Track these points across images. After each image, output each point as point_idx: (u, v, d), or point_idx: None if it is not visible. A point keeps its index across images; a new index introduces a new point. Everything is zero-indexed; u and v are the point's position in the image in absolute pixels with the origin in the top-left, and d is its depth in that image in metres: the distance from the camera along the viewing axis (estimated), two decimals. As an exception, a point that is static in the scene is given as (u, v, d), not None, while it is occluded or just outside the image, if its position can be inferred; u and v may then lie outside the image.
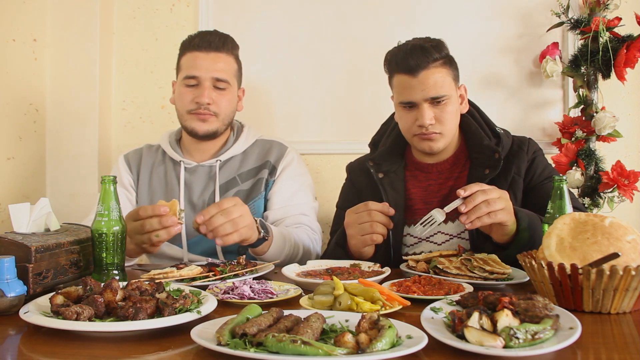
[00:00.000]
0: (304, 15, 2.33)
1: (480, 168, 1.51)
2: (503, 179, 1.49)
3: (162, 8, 2.42)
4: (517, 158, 1.52)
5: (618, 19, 2.03)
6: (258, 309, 0.85)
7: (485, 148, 1.52)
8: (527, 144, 1.56)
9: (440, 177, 1.58)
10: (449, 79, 1.48)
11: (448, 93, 1.46)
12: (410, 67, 1.45)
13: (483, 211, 1.22)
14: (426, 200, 1.57)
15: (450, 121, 1.49)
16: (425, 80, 1.44)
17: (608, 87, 2.13)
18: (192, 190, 1.71)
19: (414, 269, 1.30)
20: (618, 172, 2.00)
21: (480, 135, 1.55)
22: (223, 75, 1.65)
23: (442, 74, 1.46)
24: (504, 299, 0.82)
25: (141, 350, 0.78)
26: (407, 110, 1.50)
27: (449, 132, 1.50)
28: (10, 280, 0.95)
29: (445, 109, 1.47)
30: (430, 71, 1.45)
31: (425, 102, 1.46)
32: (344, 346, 0.72)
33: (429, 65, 1.44)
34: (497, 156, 1.49)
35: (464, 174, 1.56)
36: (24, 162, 2.23)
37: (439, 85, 1.45)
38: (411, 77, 1.46)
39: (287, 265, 1.32)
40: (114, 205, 1.17)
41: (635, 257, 0.98)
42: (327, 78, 2.31)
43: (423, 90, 1.44)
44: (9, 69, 2.12)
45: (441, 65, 1.47)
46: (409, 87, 1.46)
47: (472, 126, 1.58)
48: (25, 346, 0.82)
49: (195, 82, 1.64)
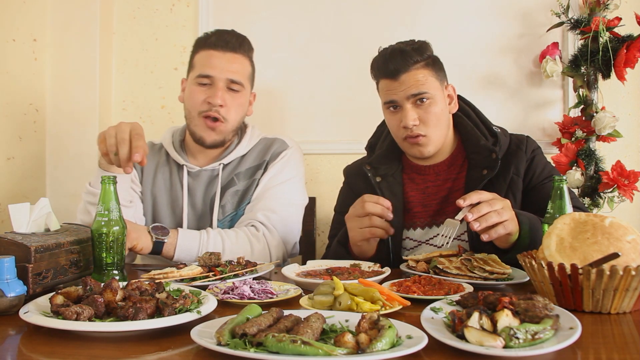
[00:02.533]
0: (304, 15, 2.33)
1: (478, 169, 1.49)
2: (502, 179, 1.48)
3: (162, 8, 2.42)
4: (516, 158, 1.50)
5: (618, 19, 2.03)
6: (258, 309, 0.85)
7: (482, 148, 1.50)
8: (526, 142, 1.55)
9: (437, 179, 1.56)
10: (431, 79, 1.47)
11: (430, 92, 1.45)
12: (391, 72, 1.46)
13: (494, 220, 1.20)
14: (424, 202, 1.56)
15: (435, 122, 1.48)
16: (405, 82, 1.45)
17: (608, 87, 2.13)
18: (195, 195, 1.68)
19: (414, 269, 1.30)
20: (618, 172, 2.00)
21: (476, 135, 1.53)
22: (238, 77, 1.61)
23: (423, 74, 1.46)
24: (504, 299, 0.82)
25: (141, 350, 0.78)
26: (393, 112, 1.50)
27: (435, 134, 1.49)
28: (10, 280, 0.95)
29: (429, 110, 1.46)
30: (411, 73, 1.45)
31: (408, 101, 1.45)
32: (344, 346, 0.71)
33: (409, 68, 1.45)
34: (494, 156, 1.48)
35: (461, 174, 1.54)
36: (24, 162, 2.23)
37: (420, 84, 1.44)
38: (392, 81, 1.47)
39: (287, 266, 1.32)
40: (114, 205, 1.17)
41: (636, 257, 0.98)
42: (327, 78, 2.32)
43: (404, 90, 1.45)
44: (9, 69, 2.12)
45: (422, 67, 1.46)
46: (391, 89, 1.47)
47: (467, 126, 1.56)
48: (25, 346, 0.82)
49: (209, 82, 1.59)
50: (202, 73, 1.59)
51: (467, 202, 1.22)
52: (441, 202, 1.53)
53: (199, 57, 1.63)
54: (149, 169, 1.71)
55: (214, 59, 1.59)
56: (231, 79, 1.59)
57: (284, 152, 1.69)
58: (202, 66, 1.60)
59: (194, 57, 1.65)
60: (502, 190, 1.46)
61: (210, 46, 1.61)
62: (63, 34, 2.33)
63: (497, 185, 1.46)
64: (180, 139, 1.74)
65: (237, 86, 1.61)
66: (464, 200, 1.22)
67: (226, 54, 1.60)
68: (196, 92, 1.60)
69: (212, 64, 1.59)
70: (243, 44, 1.65)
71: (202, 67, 1.60)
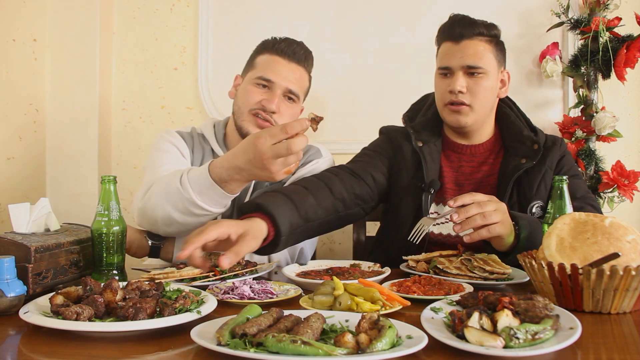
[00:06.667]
0: (304, 15, 2.33)
1: (517, 157, 1.50)
2: (537, 170, 1.49)
3: (162, 8, 2.42)
4: (552, 152, 1.52)
5: (618, 19, 2.03)
6: (258, 309, 0.85)
7: (526, 138, 1.52)
8: (560, 141, 1.58)
9: (473, 160, 1.57)
10: (490, 55, 1.48)
11: (486, 67, 1.46)
12: (455, 35, 1.48)
13: (478, 223, 1.19)
14: (457, 181, 1.56)
15: (482, 96, 1.48)
16: (465, 48, 1.46)
17: (608, 87, 2.13)
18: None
19: (414, 269, 1.30)
20: (618, 172, 2.00)
21: (519, 125, 1.55)
22: (296, 88, 1.59)
23: (484, 47, 1.47)
24: (504, 299, 0.82)
25: (141, 350, 0.78)
26: (443, 77, 1.51)
27: (479, 107, 1.49)
28: (10, 280, 0.95)
29: (479, 82, 1.47)
30: (473, 42, 1.47)
31: (461, 69, 1.47)
32: (344, 346, 0.71)
33: (472, 36, 1.47)
34: (536, 147, 1.50)
35: (497, 160, 1.55)
36: (24, 162, 2.23)
37: (478, 56, 1.46)
38: (453, 44, 1.48)
39: (287, 266, 1.32)
40: (114, 205, 1.17)
41: (636, 257, 0.98)
42: (327, 78, 2.31)
43: (461, 57, 1.46)
44: (9, 69, 2.12)
45: (486, 41, 1.48)
46: (449, 54, 1.49)
47: (511, 116, 1.58)
48: (25, 346, 0.82)
49: (267, 86, 1.57)
50: (263, 76, 1.57)
51: (457, 204, 1.21)
52: (475, 183, 1.54)
53: (263, 59, 1.61)
54: (196, 159, 1.64)
55: (279, 65, 1.58)
56: (290, 89, 1.58)
57: (315, 160, 1.66)
58: (264, 69, 1.58)
59: (257, 58, 1.63)
60: (535, 180, 1.48)
61: (277, 52, 1.60)
62: (63, 34, 2.33)
63: (532, 175, 1.49)
64: (222, 133, 1.70)
65: (293, 97, 1.60)
66: (455, 201, 1.21)
67: (290, 64, 1.59)
68: (252, 92, 1.58)
69: (276, 69, 1.58)
70: (308, 58, 1.65)
71: (264, 70, 1.58)
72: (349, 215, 1.46)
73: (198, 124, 1.74)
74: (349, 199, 1.44)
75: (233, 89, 1.68)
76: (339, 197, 1.41)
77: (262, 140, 1.12)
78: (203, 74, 2.38)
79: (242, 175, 1.20)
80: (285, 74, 1.57)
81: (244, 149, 1.16)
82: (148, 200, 1.33)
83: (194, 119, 2.39)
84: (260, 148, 1.12)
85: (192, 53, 2.40)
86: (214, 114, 2.32)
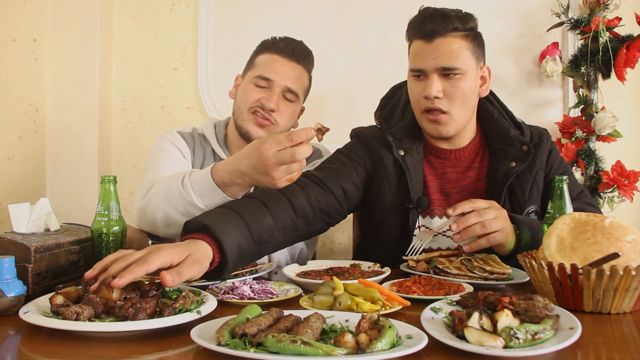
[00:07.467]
0: (304, 15, 2.33)
1: (506, 160, 1.40)
2: (528, 173, 1.41)
3: (162, 8, 2.42)
4: (539, 150, 1.43)
5: (618, 19, 2.03)
6: (258, 309, 0.85)
7: (513, 139, 1.41)
8: (546, 134, 1.49)
9: (457, 165, 1.46)
10: (467, 53, 1.35)
11: (463, 67, 1.33)
12: (426, 32, 1.34)
13: (477, 232, 1.18)
14: (443, 189, 1.46)
15: (461, 100, 1.35)
16: (439, 48, 1.33)
17: (608, 87, 2.13)
18: None
19: (414, 269, 1.30)
20: (618, 172, 2.00)
21: (504, 125, 1.45)
22: (295, 87, 1.59)
23: (459, 45, 1.34)
24: (504, 299, 0.82)
25: (141, 350, 0.78)
26: (417, 80, 1.39)
27: (459, 113, 1.37)
28: (10, 280, 0.95)
29: (456, 85, 1.34)
30: (447, 40, 1.33)
31: (436, 71, 1.34)
32: (344, 346, 0.71)
33: (446, 33, 1.33)
34: (525, 149, 1.40)
35: (484, 164, 1.46)
36: (24, 162, 2.23)
37: (453, 56, 1.33)
38: (425, 43, 1.35)
39: (287, 266, 1.32)
40: (114, 205, 1.17)
41: (636, 257, 0.98)
42: (327, 78, 2.31)
43: (435, 58, 1.33)
44: (9, 69, 2.12)
45: (461, 37, 1.35)
46: (422, 54, 1.36)
47: (494, 114, 1.47)
48: (25, 346, 0.82)
49: (266, 85, 1.57)
50: (262, 75, 1.57)
51: (457, 212, 1.19)
52: (462, 191, 1.45)
53: (263, 58, 1.61)
54: (197, 160, 1.65)
55: (278, 64, 1.58)
56: (289, 88, 1.58)
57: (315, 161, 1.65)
58: (263, 68, 1.59)
59: (256, 57, 1.63)
60: (527, 184, 1.40)
61: (276, 51, 1.60)
62: (63, 34, 2.33)
63: (524, 179, 1.40)
64: (223, 134, 1.70)
65: (292, 96, 1.60)
66: (454, 209, 1.19)
67: (290, 63, 1.59)
68: (251, 91, 1.58)
69: (275, 68, 1.57)
70: (308, 58, 1.64)
71: (263, 69, 1.58)
72: (309, 232, 1.35)
73: (198, 124, 1.74)
74: (312, 215, 1.32)
75: (233, 89, 1.68)
76: (301, 214, 1.29)
77: (267, 146, 1.09)
78: (203, 74, 2.38)
79: (245, 179, 1.19)
80: (284, 72, 1.57)
81: (248, 153, 1.15)
82: (149, 201, 1.33)
83: (194, 119, 2.39)
84: (264, 154, 1.10)
85: (192, 53, 2.40)
86: (214, 114, 2.32)
